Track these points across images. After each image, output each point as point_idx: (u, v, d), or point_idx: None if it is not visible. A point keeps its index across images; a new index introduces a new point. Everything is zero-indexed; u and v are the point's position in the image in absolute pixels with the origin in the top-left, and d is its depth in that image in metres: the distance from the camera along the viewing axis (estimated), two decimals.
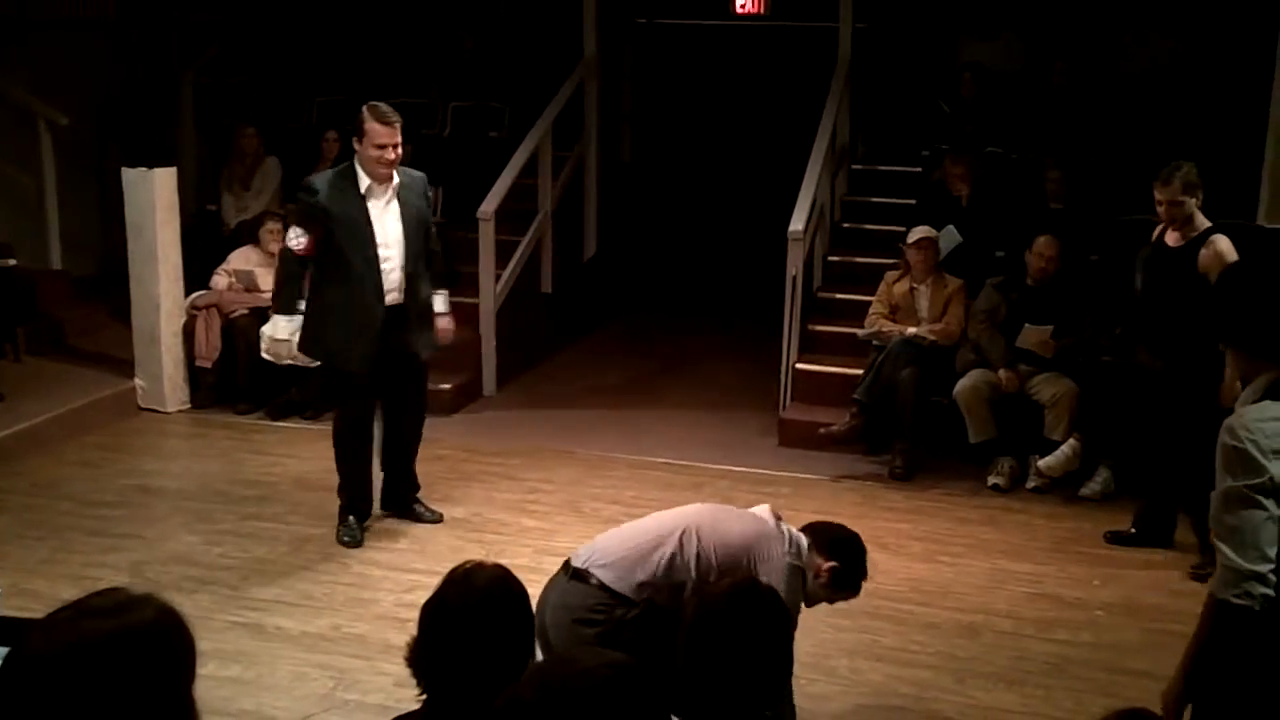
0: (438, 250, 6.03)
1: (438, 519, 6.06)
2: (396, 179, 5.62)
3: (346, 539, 5.81)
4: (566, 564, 3.82)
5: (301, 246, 5.57)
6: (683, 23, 12.06)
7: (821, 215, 8.45)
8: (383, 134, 5.46)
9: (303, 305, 5.73)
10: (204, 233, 8.85)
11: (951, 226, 7.65)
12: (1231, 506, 2.84)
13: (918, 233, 7.29)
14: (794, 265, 7.58)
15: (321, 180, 5.68)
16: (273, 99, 10.42)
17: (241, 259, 8.09)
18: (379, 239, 5.56)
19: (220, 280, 8.01)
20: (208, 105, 9.96)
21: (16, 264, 8.08)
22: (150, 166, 7.55)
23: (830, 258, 8.71)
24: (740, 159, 11.11)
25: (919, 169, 8.85)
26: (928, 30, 9.67)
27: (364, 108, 5.57)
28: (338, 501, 5.91)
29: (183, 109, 9.60)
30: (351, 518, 5.88)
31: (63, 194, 8.84)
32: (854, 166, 9.43)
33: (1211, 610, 2.90)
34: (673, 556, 3.71)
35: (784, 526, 3.86)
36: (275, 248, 8.04)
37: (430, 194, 5.96)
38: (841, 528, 4.03)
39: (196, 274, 7.99)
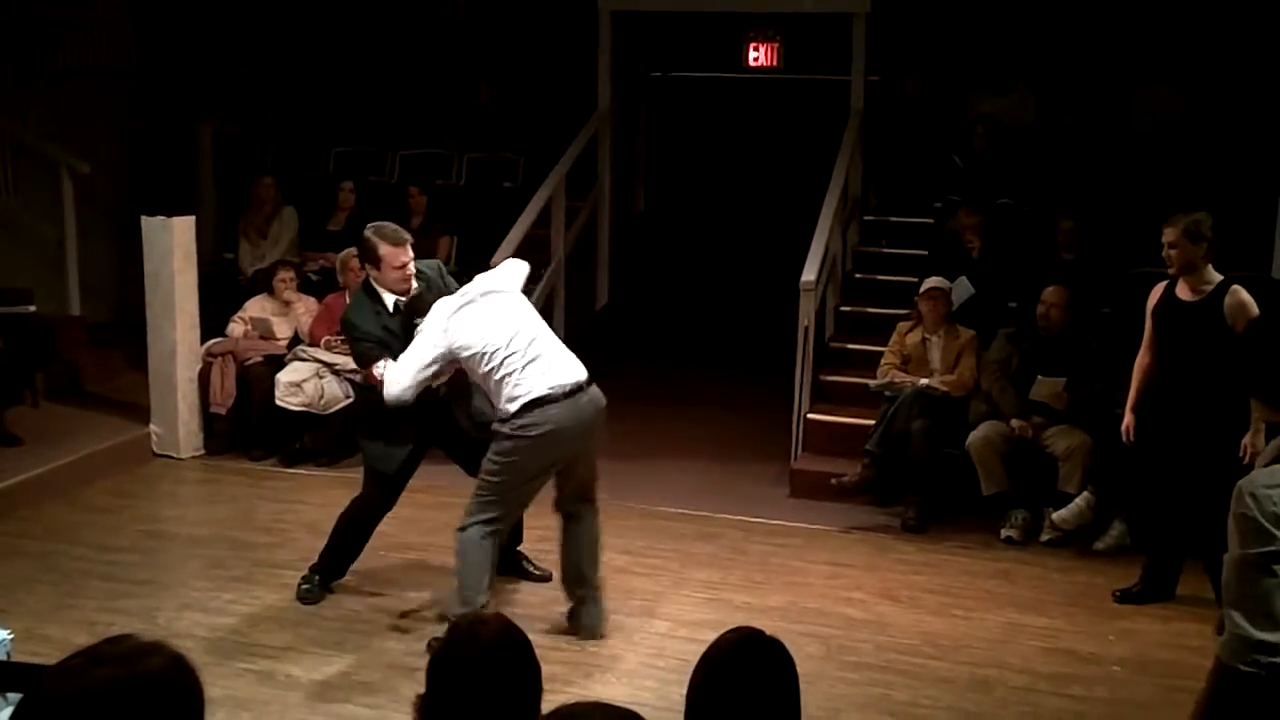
0: None
1: (546, 577, 5.90)
2: (415, 282, 5.48)
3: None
4: (580, 385, 5.09)
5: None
6: (696, 75, 12.17)
7: (833, 266, 8.48)
8: (398, 255, 5.36)
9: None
10: (221, 281, 8.93)
11: (964, 278, 7.68)
12: (1245, 574, 2.83)
13: (930, 283, 7.31)
14: (806, 315, 7.60)
15: (360, 317, 5.46)
16: (290, 149, 10.53)
17: (257, 307, 8.16)
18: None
19: (236, 328, 8.07)
20: (226, 155, 10.07)
21: (36, 310, 8.15)
22: (169, 215, 7.62)
23: (842, 308, 8.74)
24: (753, 210, 11.17)
25: (931, 220, 8.89)
26: (940, 83, 9.74)
27: (369, 233, 5.42)
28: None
29: (201, 158, 9.71)
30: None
31: (82, 241, 8.93)
32: (866, 218, 9.48)
33: (1218, 675, 2.88)
34: None
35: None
36: (289, 296, 8.13)
37: (445, 270, 5.80)
38: None
39: (213, 321, 8.06)
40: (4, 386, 7.42)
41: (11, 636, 4.04)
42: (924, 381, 7.03)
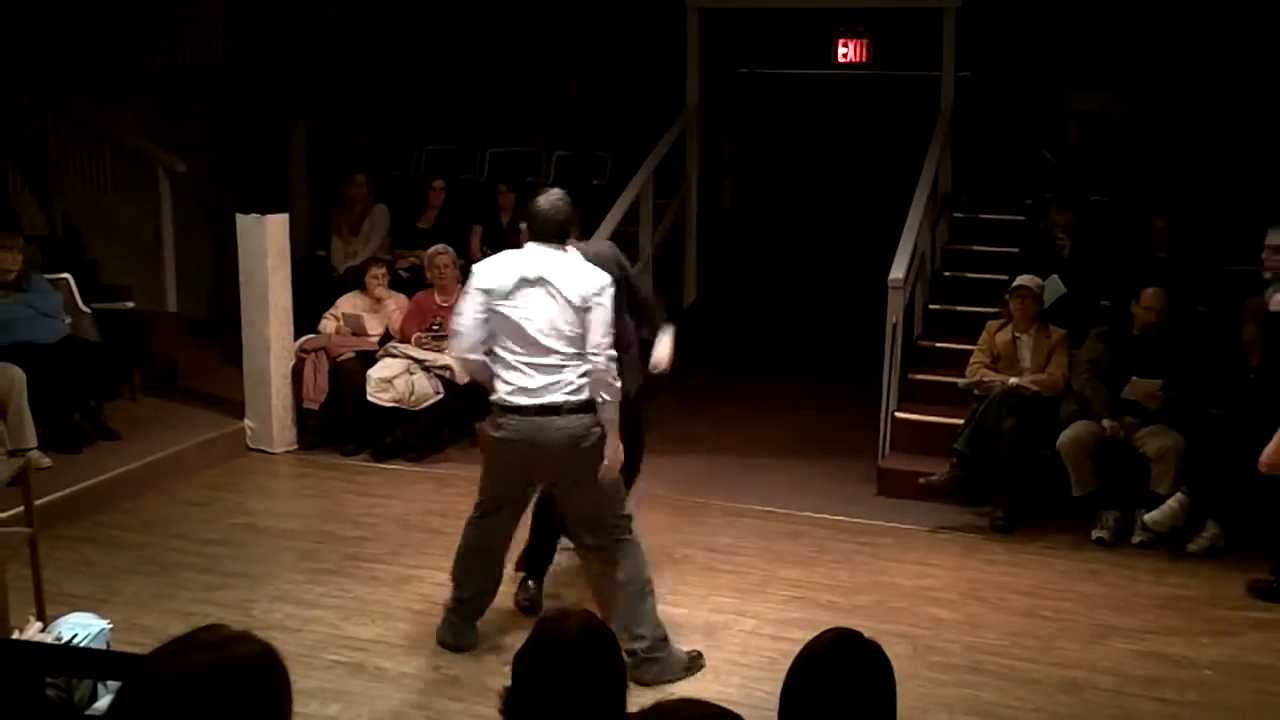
0: None
1: None
2: None
3: None
4: (546, 407, 4.65)
5: None
6: (784, 72, 12.13)
7: (922, 263, 8.41)
8: None
9: None
10: (313, 277, 9.07)
11: (1056, 276, 7.57)
12: None
13: (1021, 281, 7.22)
14: (894, 313, 7.54)
15: None
16: (381, 147, 10.67)
17: (349, 304, 8.28)
18: None
19: (328, 324, 8.20)
20: (319, 153, 10.22)
21: (134, 306, 8.35)
22: (263, 213, 7.75)
23: (931, 306, 8.66)
24: (841, 207, 11.11)
25: (1022, 218, 8.77)
26: (1032, 79, 9.60)
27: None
28: (437, 543, 5.95)
29: (295, 156, 9.86)
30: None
31: (179, 238, 9.13)
32: (956, 215, 9.38)
33: None
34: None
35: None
36: (380, 293, 8.25)
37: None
38: None
39: (306, 318, 8.18)
40: (103, 382, 7.60)
41: (111, 626, 4.15)
42: (1014, 381, 6.94)
